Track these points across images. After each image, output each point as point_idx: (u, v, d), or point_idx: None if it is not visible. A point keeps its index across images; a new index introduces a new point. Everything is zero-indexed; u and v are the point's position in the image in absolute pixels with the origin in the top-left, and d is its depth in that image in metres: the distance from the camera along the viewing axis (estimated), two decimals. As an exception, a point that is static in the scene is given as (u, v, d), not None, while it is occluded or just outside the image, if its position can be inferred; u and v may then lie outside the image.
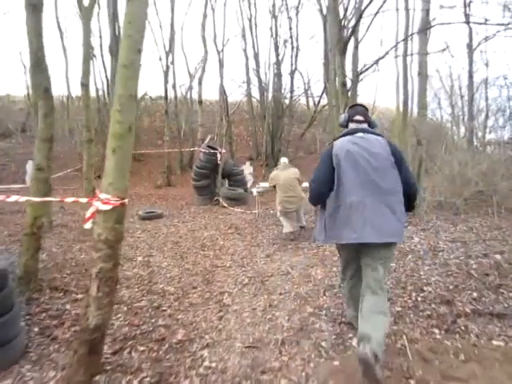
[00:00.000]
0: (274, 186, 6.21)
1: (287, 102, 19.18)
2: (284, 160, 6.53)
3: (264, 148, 18.65)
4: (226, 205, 9.30)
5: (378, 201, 2.49)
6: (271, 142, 18.81)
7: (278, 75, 18.78)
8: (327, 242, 2.90)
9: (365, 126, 2.82)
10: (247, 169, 14.60)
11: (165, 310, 3.64)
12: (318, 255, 4.97)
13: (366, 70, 5.69)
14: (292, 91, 18.26)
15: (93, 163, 6.67)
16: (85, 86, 6.46)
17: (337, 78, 5.99)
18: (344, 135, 2.77)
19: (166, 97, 15.52)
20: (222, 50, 12.59)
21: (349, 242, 2.54)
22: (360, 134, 2.71)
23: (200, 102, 10.41)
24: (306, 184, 6.78)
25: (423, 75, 5.94)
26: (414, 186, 2.68)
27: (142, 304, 3.78)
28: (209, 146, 9.91)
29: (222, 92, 10.48)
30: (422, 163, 6.00)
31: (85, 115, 6.44)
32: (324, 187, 2.65)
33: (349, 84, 6.58)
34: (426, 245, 4.79)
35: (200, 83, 10.04)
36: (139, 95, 21.77)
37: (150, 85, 40.97)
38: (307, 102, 22.67)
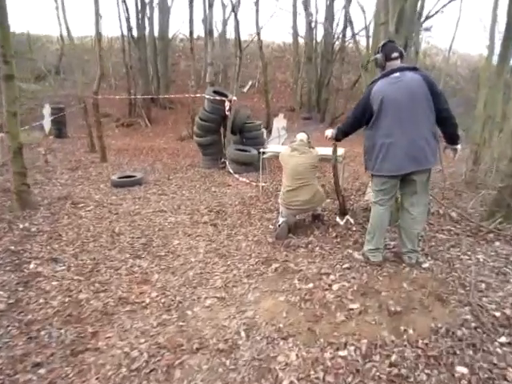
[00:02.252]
0: None
1: (340, 43, 15.76)
2: (301, 137, 4.06)
3: (307, 97, 15.79)
4: (231, 170, 7.04)
5: (411, 137, 2.75)
6: (317, 90, 15.85)
7: (331, 8, 15.35)
8: (369, 171, 3.05)
9: (399, 62, 2.88)
10: (279, 122, 11.98)
11: None
12: (311, 300, 2.63)
13: None
14: (346, 28, 14.77)
15: (17, 111, 4.61)
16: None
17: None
18: (381, 77, 2.86)
19: (191, 32, 13.04)
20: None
21: (388, 173, 2.87)
22: (396, 75, 2.79)
23: (209, 31, 7.84)
24: (324, 150, 4.31)
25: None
26: (447, 110, 2.78)
27: None
28: (215, 92, 7.50)
29: (235, 17, 7.70)
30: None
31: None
32: (350, 129, 3.19)
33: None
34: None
35: (211, 5, 7.41)
36: (170, 35, 19.41)
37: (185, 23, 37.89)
38: (367, 43, 18.84)
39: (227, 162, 7.34)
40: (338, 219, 4.08)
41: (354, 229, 3.89)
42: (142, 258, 3.47)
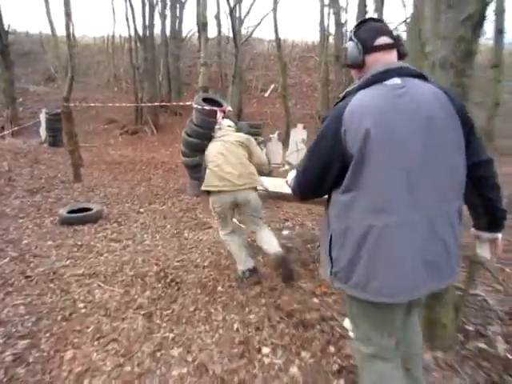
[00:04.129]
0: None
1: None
2: (227, 123, 3.55)
3: (330, 102, 14.03)
4: (219, 201, 5.50)
5: (430, 215, 1.30)
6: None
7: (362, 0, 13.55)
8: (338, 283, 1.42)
9: (395, 57, 1.43)
10: (298, 134, 10.35)
11: None
12: None
13: None
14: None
15: None
16: None
17: None
18: (362, 87, 1.37)
19: (199, 30, 11.65)
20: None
21: (381, 298, 1.33)
22: (396, 81, 1.34)
23: (204, 24, 6.35)
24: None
25: None
26: (487, 164, 1.42)
27: None
28: (206, 100, 5.98)
29: (231, 9, 6.14)
30: None
31: None
32: (310, 191, 1.52)
33: None
34: None
35: (203, -6, 6.06)
36: (183, 34, 18.14)
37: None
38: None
39: (217, 189, 5.79)
40: (346, 324, 2.44)
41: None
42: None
